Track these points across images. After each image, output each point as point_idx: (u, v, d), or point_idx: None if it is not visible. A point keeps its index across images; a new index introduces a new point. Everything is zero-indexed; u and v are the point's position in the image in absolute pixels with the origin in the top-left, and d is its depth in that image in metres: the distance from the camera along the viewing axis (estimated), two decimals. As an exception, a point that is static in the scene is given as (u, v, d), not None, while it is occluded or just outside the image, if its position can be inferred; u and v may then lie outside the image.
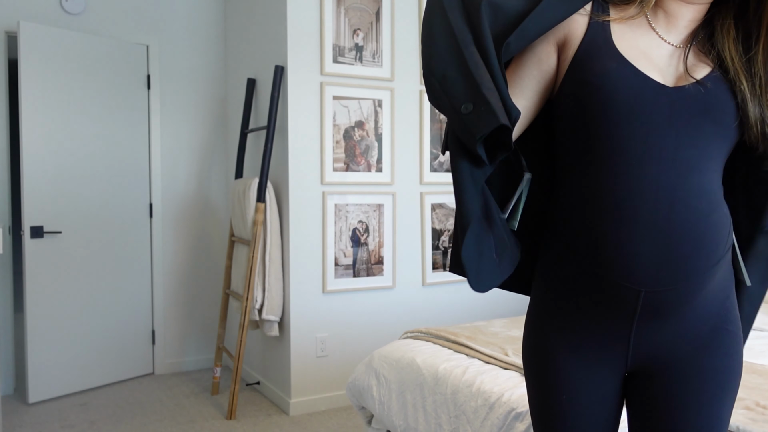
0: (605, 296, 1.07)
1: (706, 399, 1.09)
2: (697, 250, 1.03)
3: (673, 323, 1.07)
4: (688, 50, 1.08)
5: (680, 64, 1.08)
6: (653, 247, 1.02)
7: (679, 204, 1.02)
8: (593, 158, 1.07)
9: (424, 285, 3.83)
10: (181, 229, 4.34)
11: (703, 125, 1.04)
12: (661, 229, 1.02)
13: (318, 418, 3.43)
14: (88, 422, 3.38)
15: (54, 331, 3.74)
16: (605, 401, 1.14)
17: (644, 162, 1.03)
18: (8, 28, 3.82)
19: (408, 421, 2.41)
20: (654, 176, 1.03)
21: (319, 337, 3.54)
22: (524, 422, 1.94)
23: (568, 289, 1.11)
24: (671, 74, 1.07)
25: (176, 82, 4.31)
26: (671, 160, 1.03)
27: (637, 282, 1.04)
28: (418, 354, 2.52)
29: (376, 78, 3.64)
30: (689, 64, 1.07)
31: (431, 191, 3.83)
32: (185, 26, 4.34)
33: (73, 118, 3.83)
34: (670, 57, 1.08)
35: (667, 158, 1.03)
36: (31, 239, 3.65)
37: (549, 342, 1.15)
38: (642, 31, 1.09)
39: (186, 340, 4.39)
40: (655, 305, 1.05)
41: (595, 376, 1.13)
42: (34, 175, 3.66)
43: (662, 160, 1.03)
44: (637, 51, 1.07)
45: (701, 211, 1.03)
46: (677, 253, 1.02)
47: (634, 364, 1.12)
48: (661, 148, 1.03)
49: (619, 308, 1.06)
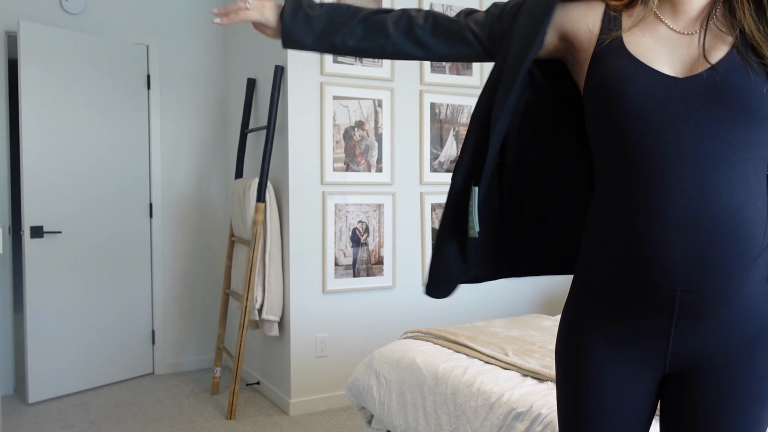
0: (642, 297, 1.05)
1: (745, 404, 1.05)
2: (729, 248, 1.00)
3: (714, 325, 1.04)
4: (703, 35, 1.04)
5: (693, 51, 1.04)
6: (685, 246, 1.00)
7: (707, 200, 0.99)
8: (619, 159, 1.06)
9: (424, 285, 3.82)
10: (181, 229, 4.34)
11: (722, 113, 0.99)
12: (692, 228, 0.99)
13: (318, 418, 3.42)
14: (88, 422, 3.38)
15: (54, 331, 3.74)
16: (639, 400, 1.12)
17: (667, 159, 1.00)
18: (8, 28, 3.81)
19: (408, 421, 2.41)
20: (678, 173, 1.00)
21: (319, 337, 3.54)
22: (524, 422, 1.94)
23: (606, 288, 1.10)
24: (685, 64, 1.03)
25: (176, 82, 4.31)
26: (694, 155, 0.99)
27: (672, 282, 1.01)
28: (418, 354, 2.51)
29: (376, 78, 3.64)
30: (704, 49, 1.03)
31: (431, 191, 3.83)
32: (185, 26, 4.34)
33: (73, 118, 3.83)
34: (682, 46, 1.05)
35: (690, 153, 0.99)
36: (31, 239, 3.65)
37: (586, 337, 1.13)
38: (651, 26, 1.07)
39: (186, 340, 4.39)
40: (693, 305, 1.02)
41: (631, 375, 1.10)
42: (34, 175, 3.66)
43: (684, 155, 1.00)
44: (647, 47, 1.05)
45: (732, 207, 0.99)
46: (709, 251, 1.00)
47: (672, 366, 1.09)
48: (680, 144, 1.00)
49: (656, 309, 1.04)
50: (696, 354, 1.07)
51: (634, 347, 1.09)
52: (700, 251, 1.00)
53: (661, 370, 1.10)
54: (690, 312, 1.03)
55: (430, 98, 3.80)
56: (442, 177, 3.86)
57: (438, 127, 3.84)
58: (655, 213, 1.01)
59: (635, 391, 1.11)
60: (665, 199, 1.01)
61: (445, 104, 3.86)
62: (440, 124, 3.85)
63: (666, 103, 1.01)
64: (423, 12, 1.25)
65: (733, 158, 0.99)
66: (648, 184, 1.02)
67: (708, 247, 1.00)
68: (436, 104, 3.83)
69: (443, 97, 3.85)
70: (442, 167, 3.86)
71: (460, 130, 3.91)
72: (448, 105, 3.86)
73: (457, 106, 3.89)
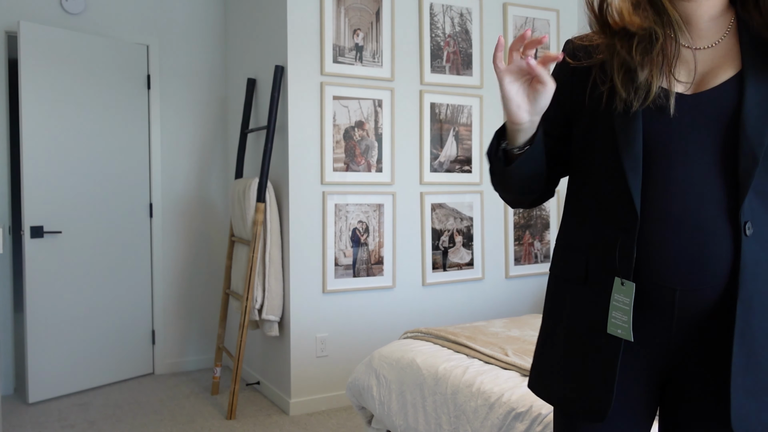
0: (644, 297, 1.06)
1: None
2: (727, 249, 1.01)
3: (713, 326, 1.04)
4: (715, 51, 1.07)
5: (701, 67, 1.06)
6: (684, 246, 1.01)
7: (708, 204, 1.01)
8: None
9: (424, 285, 3.83)
10: (180, 229, 4.34)
11: (723, 129, 1.02)
12: (691, 229, 1.01)
13: (318, 418, 3.42)
14: (88, 422, 3.38)
15: (54, 331, 3.74)
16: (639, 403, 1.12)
17: (670, 164, 1.03)
18: (8, 28, 3.82)
19: (408, 421, 2.41)
20: (681, 177, 1.02)
21: (319, 337, 3.54)
22: (524, 422, 1.94)
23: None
24: (694, 79, 1.06)
25: (176, 82, 4.31)
26: (698, 162, 1.02)
27: (671, 281, 1.03)
28: (418, 354, 2.52)
29: (376, 78, 3.64)
30: (712, 67, 1.06)
31: (431, 191, 3.83)
32: (185, 26, 4.34)
33: (73, 118, 3.83)
34: (692, 62, 1.07)
35: (693, 161, 1.02)
36: (31, 239, 3.65)
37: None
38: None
39: (186, 340, 4.39)
40: (693, 306, 1.03)
41: (631, 378, 1.11)
42: (34, 175, 3.66)
43: (687, 162, 1.02)
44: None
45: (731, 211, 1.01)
46: (708, 252, 1.01)
47: (673, 367, 1.09)
48: (685, 152, 1.03)
49: (658, 308, 1.05)
50: (696, 356, 1.06)
51: (633, 349, 1.09)
52: (698, 252, 1.01)
53: (661, 373, 1.11)
54: (691, 313, 1.03)
55: (430, 98, 3.80)
56: (443, 177, 3.86)
57: (438, 127, 3.84)
58: (656, 215, 1.03)
59: (635, 393, 1.11)
60: (668, 202, 1.02)
61: (445, 104, 3.86)
62: (440, 124, 3.85)
63: (674, 117, 1.04)
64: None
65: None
66: (652, 187, 1.03)
67: (706, 247, 1.01)
68: (436, 104, 3.83)
69: (443, 97, 3.85)
70: (442, 167, 3.86)
71: (460, 130, 3.91)
72: (448, 105, 3.86)
73: (457, 106, 3.89)
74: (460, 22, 3.90)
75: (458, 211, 3.92)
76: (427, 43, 3.80)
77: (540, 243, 4.23)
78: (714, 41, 1.07)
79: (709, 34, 1.08)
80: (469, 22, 3.93)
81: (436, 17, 3.82)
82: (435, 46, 3.82)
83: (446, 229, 3.88)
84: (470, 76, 3.93)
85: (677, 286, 1.02)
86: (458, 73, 3.90)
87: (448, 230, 3.89)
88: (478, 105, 3.95)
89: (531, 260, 4.20)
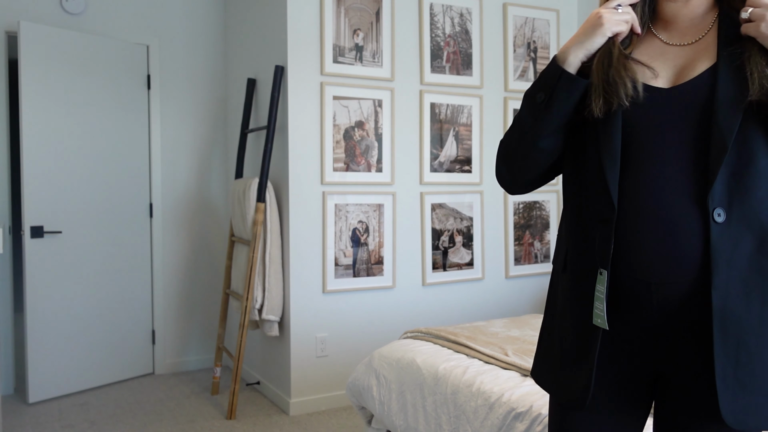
0: (624, 291, 1.07)
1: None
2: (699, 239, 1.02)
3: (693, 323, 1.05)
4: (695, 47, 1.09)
5: (679, 62, 1.10)
6: (658, 239, 1.03)
7: (682, 197, 1.02)
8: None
9: (424, 285, 3.83)
10: (181, 229, 4.35)
11: (697, 120, 1.04)
12: (665, 222, 1.02)
13: (318, 418, 3.43)
14: (88, 422, 3.39)
15: (54, 331, 3.74)
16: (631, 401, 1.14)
17: (648, 158, 1.05)
18: (8, 28, 3.82)
19: (408, 421, 2.41)
20: (657, 171, 1.04)
21: (319, 337, 3.55)
22: (524, 422, 1.94)
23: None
24: (672, 74, 1.09)
25: (176, 82, 4.31)
26: (674, 156, 1.04)
27: (645, 275, 1.04)
28: (418, 354, 2.52)
29: (376, 78, 3.64)
30: (690, 61, 1.08)
31: (431, 191, 3.83)
32: (185, 26, 4.34)
33: (73, 118, 3.83)
34: (673, 58, 1.10)
35: (670, 154, 1.04)
36: (31, 239, 3.65)
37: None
38: (648, 42, 1.14)
39: (186, 340, 4.39)
40: (671, 298, 1.04)
41: (623, 376, 1.12)
42: (34, 175, 3.66)
43: (664, 156, 1.04)
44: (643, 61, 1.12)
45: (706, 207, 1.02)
46: (679, 243, 1.02)
47: (661, 361, 1.10)
48: (662, 145, 1.04)
49: (636, 302, 1.06)
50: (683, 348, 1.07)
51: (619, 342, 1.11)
52: (672, 245, 1.02)
53: (651, 367, 1.12)
54: (668, 309, 1.04)
55: (430, 98, 3.81)
56: (443, 177, 3.86)
57: (438, 127, 3.84)
58: (632, 209, 1.05)
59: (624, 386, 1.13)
60: (645, 196, 1.04)
61: (445, 104, 3.86)
62: (440, 124, 3.85)
63: (650, 111, 1.06)
64: None
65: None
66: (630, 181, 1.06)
67: (681, 242, 1.02)
68: (436, 104, 3.83)
69: (443, 97, 3.85)
70: (442, 167, 3.86)
71: (460, 130, 3.91)
72: (448, 105, 3.87)
73: (457, 106, 3.89)
74: (460, 22, 3.90)
75: (458, 211, 3.92)
76: (427, 43, 3.80)
77: (540, 243, 4.23)
78: (695, 38, 1.10)
79: (691, 32, 1.11)
80: (469, 22, 3.93)
81: (436, 17, 3.82)
82: (435, 46, 3.82)
83: (446, 229, 3.88)
84: (470, 76, 3.93)
85: (651, 279, 1.04)
86: (458, 73, 3.90)
87: (448, 230, 3.89)
88: (478, 105, 3.96)
89: (531, 260, 4.20)
